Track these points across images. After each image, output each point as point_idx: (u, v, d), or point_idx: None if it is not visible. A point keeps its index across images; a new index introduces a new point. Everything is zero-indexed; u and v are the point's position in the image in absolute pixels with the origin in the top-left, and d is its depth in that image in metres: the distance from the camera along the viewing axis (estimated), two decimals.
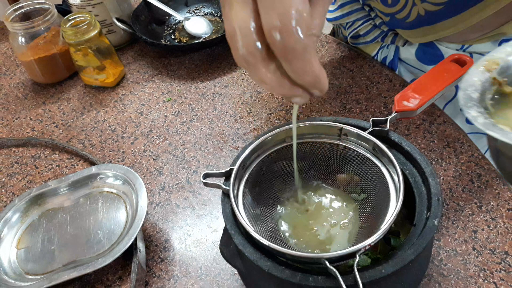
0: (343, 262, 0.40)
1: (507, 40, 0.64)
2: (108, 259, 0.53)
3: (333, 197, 0.51)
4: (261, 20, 0.30)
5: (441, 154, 0.64)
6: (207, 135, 0.74)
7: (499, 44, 0.65)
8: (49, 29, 0.83)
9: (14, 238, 0.61)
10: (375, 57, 0.82)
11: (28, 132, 0.80)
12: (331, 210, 0.49)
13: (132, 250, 0.56)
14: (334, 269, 0.38)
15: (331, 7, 0.81)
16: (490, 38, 0.64)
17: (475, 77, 0.39)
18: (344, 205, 0.50)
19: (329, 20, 0.81)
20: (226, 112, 0.77)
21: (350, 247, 0.39)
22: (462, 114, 0.74)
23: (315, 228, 0.48)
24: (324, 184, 0.52)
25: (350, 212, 0.49)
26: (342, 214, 0.49)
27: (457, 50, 0.68)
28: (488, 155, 0.64)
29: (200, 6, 1.01)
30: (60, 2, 0.99)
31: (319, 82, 0.32)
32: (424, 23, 0.66)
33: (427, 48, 0.72)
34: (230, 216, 0.45)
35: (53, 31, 0.84)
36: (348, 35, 0.80)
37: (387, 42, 0.76)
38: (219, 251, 0.51)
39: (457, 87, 0.72)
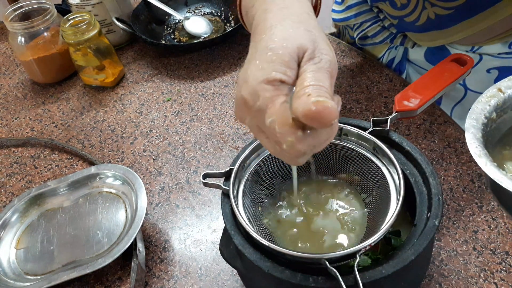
0: (344, 262, 0.40)
1: None
2: (108, 260, 0.53)
3: (333, 197, 0.50)
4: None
5: (442, 154, 0.64)
6: (207, 135, 0.74)
7: (509, 46, 0.64)
8: (49, 29, 0.83)
9: (14, 239, 0.61)
10: (382, 58, 0.81)
11: (27, 132, 0.80)
12: (331, 210, 0.49)
13: (131, 250, 0.56)
14: (335, 270, 0.37)
15: (339, 8, 0.79)
16: (500, 39, 0.64)
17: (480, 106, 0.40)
18: (344, 205, 0.49)
19: (336, 20, 0.79)
20: (226, 112, 0.77)
21: (350, 247, 0.39)
22: None
23: (315, 228, 0.47)
24: (324, 184, 0.52)
25: (351, 213, 0.48)
26: (342, 214, 0.49)
27: (466, 51, 0.67)
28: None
29: (200, 6, 1.01)
30: (60, 2, 0.99)
31: None
32: (434, 27, 0.65)
33: (436, 50, 0.71)
34: (230, 216, 0.45)
35: (53, 31, 0.84)
36: (356, 36, 0.79)
37: (396, 43, 0.75)
38: (219, 252, 0.51)
39: (466, 88, 0.71)
